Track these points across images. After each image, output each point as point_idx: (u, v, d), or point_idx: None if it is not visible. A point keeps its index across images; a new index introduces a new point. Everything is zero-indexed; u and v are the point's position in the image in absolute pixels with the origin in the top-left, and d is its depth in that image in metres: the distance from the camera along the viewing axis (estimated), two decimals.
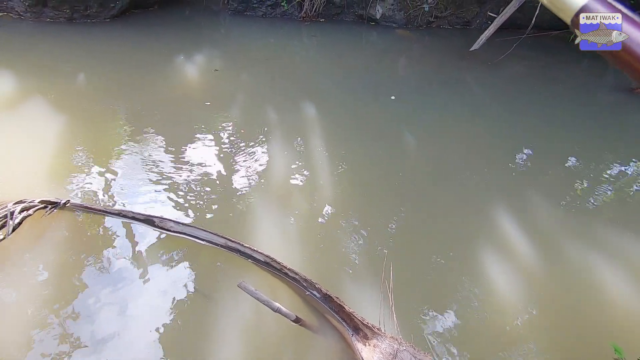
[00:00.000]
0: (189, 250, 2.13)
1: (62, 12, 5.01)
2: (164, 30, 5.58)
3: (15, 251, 2.09)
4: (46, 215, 2.27)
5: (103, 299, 1.88)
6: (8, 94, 3.65)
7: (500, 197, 2.66)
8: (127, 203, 2.46)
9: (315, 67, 4.95)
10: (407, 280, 1.95)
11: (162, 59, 4.67)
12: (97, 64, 4.42)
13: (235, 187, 2.65)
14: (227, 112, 3.64)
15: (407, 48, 5.73)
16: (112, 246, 2.17)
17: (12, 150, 2.89)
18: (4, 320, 1.78)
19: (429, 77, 4.70)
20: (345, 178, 2.77)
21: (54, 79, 3.98)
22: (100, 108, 3.53)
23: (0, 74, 3.97)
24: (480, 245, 2.25)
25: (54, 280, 1.96)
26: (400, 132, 3.44)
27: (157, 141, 3.11)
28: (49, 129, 3.17)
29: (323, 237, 2.24)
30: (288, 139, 3.23)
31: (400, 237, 2.27)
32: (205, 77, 4.32)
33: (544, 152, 3.22)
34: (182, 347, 1.71)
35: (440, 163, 3.02)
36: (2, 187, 2.48)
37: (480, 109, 4.01)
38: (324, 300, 1.75)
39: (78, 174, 2.69)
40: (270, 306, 1.56)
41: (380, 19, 6.23)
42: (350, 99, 4.04)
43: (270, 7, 6.22)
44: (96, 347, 1.69)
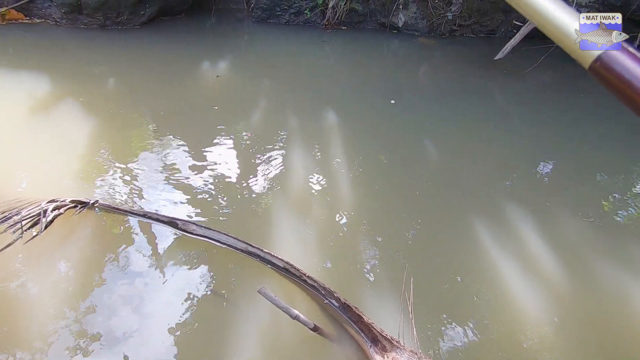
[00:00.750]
0: (209, 253, 2.17)
1: (96, 19, 5.23)
2: (189, 37, 5.74)
3: (46, 247, 2.18)
4: (76, 214, 2.36)
5: (122, 296, 1.93)
6: (43, 97, 3.83)
7: (523, 210, 2.59)
8: (148, 204, 2.53)
9: (335, 75, 4.98)
10: (426, 293, 1.93)
11: (186, 65, 4.80)
12: (126, 69, 4.58)
13: (252, 192, 2.69)
14: (247, 117, 3.70)
15: (429, 56, 5.70)
16: (134, 246, 2.24)
17: (43, 150, 3.02)
18: (30, 312, 1.85)
19: (450, 86, 4.65)
20: (364, 186, 2.77)
21: (85, 83, 4.14)
22: (126, 111, 3.65)
23: (36, 78, 4.17)
24: (503, 258, 2.20)
25: (77, 276, 2.03)
26: (420, 140, 3.41)
27: (178, 145, 3.19)
28: (78, 130, 3.31)
29: (341, 246, 2.23)
30: (306, 145, 3.26)
31: (419, 247, 2.25)
32: (226, 83, 4.42)
33: (570, 165, 3.14)
34: (197, 348, 1.74)
35: (461, 173, 2.97)
36: (33, 186, 2.60)
37: (503, 120, 3.94)
38: (342, 310, 1.74)
39: (103, 175, 2.78)
40: (289, 313, 1.57)
41: (402, 27, 6.23)
42: (370, 107, 4.04)
43: (293, 15, 6.32)
44: (113, 342, 1.73)
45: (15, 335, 1.74)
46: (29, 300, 1.90)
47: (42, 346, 1.70)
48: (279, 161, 3.04)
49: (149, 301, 1.91)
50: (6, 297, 1.89)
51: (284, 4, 6.24)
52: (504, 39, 5.71)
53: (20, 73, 4.24)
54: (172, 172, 2.86)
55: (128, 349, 1.71)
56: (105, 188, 2.66)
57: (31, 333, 1.76)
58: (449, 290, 1.98)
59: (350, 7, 6.13)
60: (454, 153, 3.26)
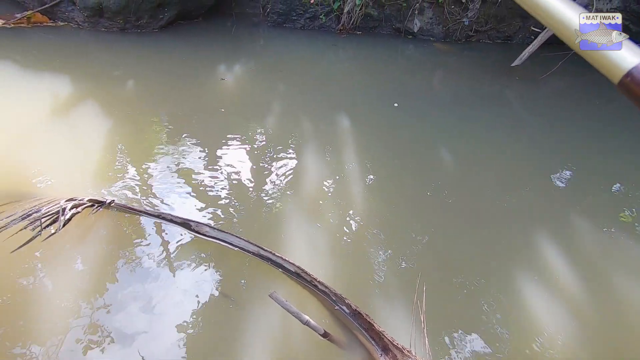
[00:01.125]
0: (221, 255, 2.19)
1: (116, 22, 5.37)
2: (206, 41, 5.83)
3: (63, 245, 2.23)
4: (92, 213, 2.41)
5: (134, 294, 1.96)
6: (63, 97, 3.93)
7: (538, 219, 2.54)
8: (161, 205, 2.56)
9: (349, 79, 4.98)
10: (439, 302, 1.90)
11: (202, 68, 4.87)
12: (144, 71, 4.68)
13: (264, 195, 2.70)
14: (261, 121, 3.73)
15: (444, 62, 5.65)
16: (148, 246, 2.27)
17: (61, 149, 3.10)
18: (44, 308, 1.89)
19: (465, 92, 4.60)
20: (376, 192, 2.75)
21: (104, 85, 4.24)
22: (143, 113, 3.72)
23: (58, 79, 4.28)
24: (518, 268, 2.15)
25: (92, 274, 2.07)
26: (434, 146, 3.38)
27: (192, 147, 3.24)
28: (95, 131, 3.38)
29: (353, 251, 2.22)
30: (319, 150, 3.26)
31: (432, 255, 2.22)
32: (241, 87, 4.46)
33: (588, 174, 3.06)
34: (207, 350, 1.75)
35: (475, 180, 2.93)
36: (51, 184, 2.66)
37: (519, 126, 3.88)
38: (353, 317, 1.73)
39: (118, 175, 2.84)
40: (300, 318, 1.56)
41: (417, 32, 6.20)
42: (383, 112, 4.03)
43: (308, 19, 6.36)
44: (124, 339, 1.76)
45: (31, 329, 1.78)
46: (45, 295, 1.94)
47: (57, 341, 1.74)
48: (290, 165, 3.05)
49: (160, 300, 1.94)
50: (23, 292, 1.94)
51: (299, 9, 6.29)
52: (522, 45, 5.64)
53: (43, 74, 4.37)
54: (185, 173, 2.90)
55: (139, 346, 1.73)
56: (119, 188, 2.71)
57: (46, 328, 1.80)
58: (462, 299, 1.95)
59: (365, 12, 6.14)
60: (469, 160, 3.22)
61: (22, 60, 4.60)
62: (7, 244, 2.12)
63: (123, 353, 1.71)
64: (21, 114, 3.53)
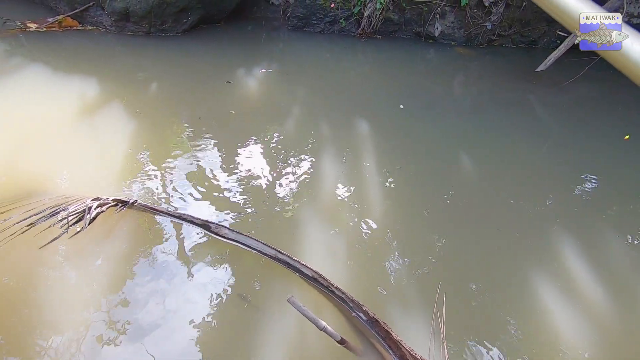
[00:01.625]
0: (239, 257, 2.21)
1: (142, 26, 5.52)
2: (227, 44, 5.93)
3: (87, 242, 2.30)
4: (116, 213, 2.47)
5: (152, 292, 2.00)
6: (90, 99, 4.07)
7: (561, 228, 2.46)
8: (180, 205, 2.61)
9: (368, 83, 4.97)
10: (458, 311, 1.86)
11: (223, 71, 4.95)
12: (167, 74, 4.79)
13: (281, 198, 2.71)
14: (280, 123, 3.75)
15: (465, 67, 5.57)
16: (168, 245, 2.31)
17: (86, 149, 3.20)
18: (67, 301, 1.95)
19: (487, 97, 4.52)
20: (395, 197, 2.73)
21: (128, 86, 4.37)
22: (165, 114, 3.81)
23: (85, 80, 4.43)
24: (539, 278, 2.09)
25: (114, 271, 2.12)
26: (454, 152, 3.33)
27: (211, 148, 3.29)
28: (119, 131, 3.48)
29: (371, 257, 2.21)
30: (336, 153, 3.26)
31: (452, 264, 2.18)
32: (260, 90, 4.51)
33: (614, 183, 2.95)
34: (222, 349, 1.76)
35: (497, 187, 2.87)
36: (75, 182, 2.75)
37: (543, 133, 3.77)
38: (370, 324, 1.72)
39: (139, 175, 2.91)
40: (317, 324, 1.56)
41: (438, 36, 6.13)
42: (402, 116, 3.99)
43: (328, 23, 6.38)
44: (139, 335, 1.80)
45: (54, 321, 1.84)
46: (68, 289, 2.01)
47: (78, 334, 1.79)
48: (307, 168, 3.06)
49: (177, 299, 1.97)
50: (48, 286, 2.00)
51: (319, 13, 6.33)
52: (547, 50, 5.50)
53: (71, 76, 4.53)
54: (203, 174, 2.95)
55: (149, 340, 1.76)
56: (140, 187, 2.78)
57: (68, 320, 1.85)
58: (482, 310, 1.91)
59: (385, 17, 6.12)
60: (490, 166, 3.16)
61: (52, 63, 4.79)
62: (36, 240, 2.21)
63: (139, 347, 1.75)
64: (50, 113, 3.67)
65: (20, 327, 1.82)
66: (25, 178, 2.77)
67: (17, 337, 1.77)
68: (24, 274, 2.07)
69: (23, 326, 1.82)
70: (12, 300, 1.93)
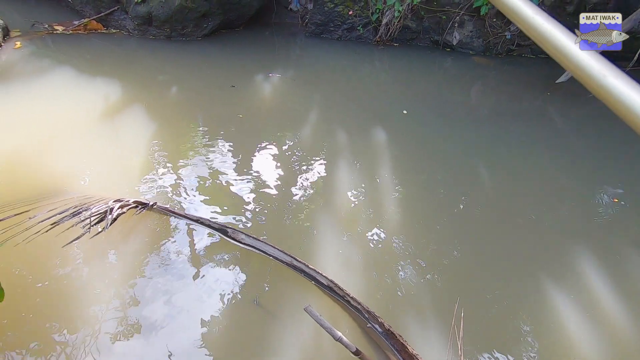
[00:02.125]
0: (254, 263, 2.23)
1: (163, 30, 5.65)
2: (245, 49, 6.01)
3: (106, 242, 2.35)
4: (136, 214, 2.53)
5: (166, 293, 2.03)
6: (111, 100, 4.17)
7: (582, 244, 2.42)
8: (195, 207, 2.65)
9: (384, 91, 4.97)
10: (477, 327, 1.84)
11: (241, 75, 5.02)
12: (186, 77, 4.89)
13: (295, 203, 2.73)
14: (296, 129, 3.78)
15: (483, 76, 5.53)
16: (184, 248, 2.35)
17: (106, 150, 3.27)
18: (79, 297, 1.99)
19: (504, 108, 4.47)
20: (411, 207, 2.71)
21: (149, 89, 4.47)
22: (183, 117, 3.88)
23: (108, 82, 4.55)
24: (560, 295, 2.05)
25: (130, 270, 2.17)
26: (471, 161, 3.30)
27: (227, 152, 3.33)
28: (138, 133, 3.56)
29: (387, 268, 2.20)
30: (351, 160, 3.27)
31: (469, 277, 2.16)
32: (277, 95, 4.56)
33: (636, 198, 2.88)
34: (234, 354, 1.78)
35: (514, 199, 2.83)
36: (94, 183, 2.82)
37: (563, 145, 3.71)
38: (385, 336, 1.71)
39: (157, 177, 2.96)
40: (333, 334, 1.56)
41: (456, 45, 6.11)
42: (418, 125, 3.98)
43: (346, 30, 6.42)
44: (148, 332, 1.83)
45: (71, 316, 1.89)
46: (85, 287, 2.05)
47: (92, 328, 1.83)
48: (322, 174, 3.07)
49: (190, 300, 2.00)
50: (67, 282, 2.06)
51: (337, 20, 6.37)
52: None
53: (95, 78, 4.66)
54: (219, 178, 2.99)
55: (157, 338, 1.79)
56: (157, 189, 2.83)
57: (85, 315, 1.90)
58: (501, 326, 1.88)
59: (403, 24, 6.12)
60: (507, 178, 3.12)
61: (77, 64, 4.93)
62: (58, 238, 2.27)
63: (151, 344, 1.78)
64: (74, 114, 3.77)
65: (39, 321, 1.87)
66: (50, 177, 2.86)
67: (37, 330, 1.82)
68: (45, 271, 2.13)
69: (42, 320, 1.87)
70: (31, 296, 1.99)
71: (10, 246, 2.14)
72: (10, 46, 5.07)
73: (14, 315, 1.87)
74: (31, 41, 5.40)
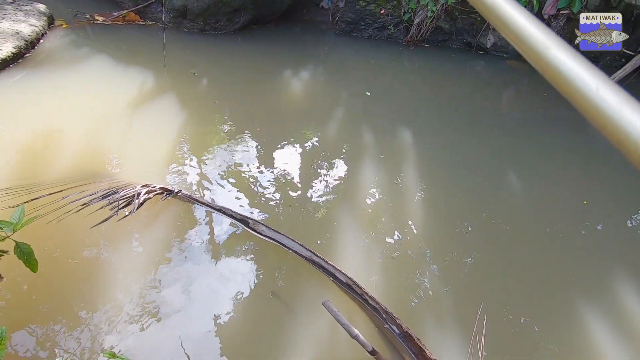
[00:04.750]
0: (274, 255, 2.23)
1: (197, 23, 5.77)
2: (275, 45, 6.05)
3: (132, 226, 2.42)
4: (161, 200, 2.59)
5: (182, 279, 2.07)
6: (143, 89, 4.29)
7: (615, 261, 2.28)
8: (217, 197, 2.69)
9: (413, 92, 4.88)
10: (498, 336, 1.77)
11: (269, 70, 5.06)
12: (216, 70, 4.97)
13: (316, 199, 2.72)
14: (321, 126, 3.77)
15: (516, 81, 5.34)
16: (206, 236, 2.39)
17: (137, 138, 3.36)
18: (103, 278, 2.06)
19: (537, 115, 4.30)
20: (436, 210, 2.65)
21: (179, 80, 4.56)
22: (211, 109, 3.94)
23: (141, 72, 4.68)
24: (586, 309, 1.95)
25: (152, 255, 2.22)
26: (498, 169, 3.19)
27: (251, 145, 3.36)
28: (168, 123, 3.64)
29: (407, 269, 2.16)
30: (376, 159, 3.22)
31: (493, 285, 2.09)
32: (302, 91, 4.56)
33: None
34: (253, 344, 1.79)
35: (544, 211, 2.72)
36: (124, 168, 2.91)
37: (601, 157, 3.53)
38: (403, 338, 1.67)
39: (182, 165, 3.02)
40: (350, 331, 1.54)
41: (490, 48, 5.92)
42: (446, 127, 3.89)
43: (376, 29, 6.35)
44: (164, 317, 1.87)
45: (94, 293, 1.95)
46: (109, 267, 2.12)
47: (111, 307, 1.88)
48: (345, 172, 3.04)
49: (208, 289, 2.02)
50: (92, 262, 2.13)
51: (368, 19, 6.31)
52: (609, 68, 5.15)
53: (130, 67, 4.80)
54: (242, 170, 3.01)
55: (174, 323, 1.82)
56: (181, 177, 2.89)
57: (106, 293, 1.96)
58: (525, 339, 1.80)
59: (436, 25, 5.99)
60: (537, 188, 2.99)
61: (114, 53, 5.11)
62: (87, 220, 2.35)
63: (169, 330, 1.81)
64: (108, 102, 3.91)
65: (65, 297, 1.94)
66: (83, 159, 2.97)
67: (63, 306, 1.89)
68: (73, 250, 2.21)
69: (68, 297, 1.94)
70: (59, 273, 2.07)
71: (43, 223, 2.24)
72: (55, 34, 5.30)
73: (43, 289, 1.95)
74: (73, 30, 5.63)
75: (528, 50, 0.35)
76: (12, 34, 4.42)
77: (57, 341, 1.74)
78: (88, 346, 1.73)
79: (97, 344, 1.74)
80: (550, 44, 0.33)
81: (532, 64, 0.35)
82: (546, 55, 0.34)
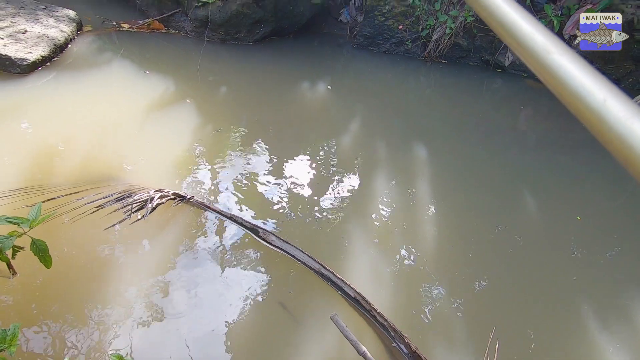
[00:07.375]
0: (282, 265, 2.22)
1: (218, 33, 5.92)
2: (293, 57, 6.15)
3: (144, 230, 2.44)
4: (174, 206, 2.62)
5: (190, 285, 2.07)
6: (165, 96, 4.39)
7: (634, 286, 2.19)
8: (227, 205, 2.70)
9: (428, 107, 4.87)
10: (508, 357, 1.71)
11: (286, 81, 5.13)
12: (234, 79, 5.06)
13: (326, 211, 2.70)
14: (335, 139, 3.78)
15: (535, 100, 5.27)
16: (216, 243, 2.40)
17: (152, 143, 3.42)
18: (113, 279, 2.07)
19: (556, 135, 4.22)
20: (448, 228, 2.61)
21: (199, 88, 4.66)
22: (226, 117, 4.00)
23: (163, 79, 4.80)
24: (607, 340, 1.87)
25: (163, 259, 2.23)
26: (513, 188, 3.13)
27: (264, 155, 3.38)
28: (184, 129, 3.70)
29: (416, 286, 2.12)
30: (388, 174, 3.20)
31: (506, 307, 2.02)
32: (319, 104, 4.59)
33: None
34: (255, 353, 1.77)
35: (560, 234, 2.64)
36: (140, 173, 2.96)
37: (621, 182, 3.43)
38: (411, 358, 1.63)
39: (195, 172, 3.06)
40: (357, 348, 1.51)
41: (508, 66, 5.89)
42: (461, 144, 3.85)
43: (394, 44, 6.39)
44: (170, 321, 1.87)
45: (104, 293, 1.97)
46: (119, 269, 2.14)
47: (120, 308, 1.89)
48: (356, 185, 3.03)
49: (215, 295, 2.02)
50: (103, 262, 2.15)
51: (386, 34, 6.36)
52: (631, 90, 5.05)
53: (152, 73, 4.94)
54: (253, 179, 3.03)
55: (180, 325, 1.81)
56: (194, 184, 2.92)
57: (116, 294, 1.97)
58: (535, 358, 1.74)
59: (454, 42, 6.00)
60: (554, 210, 2.92)
61: (137, 61, 5.26)
62: (101, 222, 2.38)
63: (174, 333, 1.80)
64: (128, 107, 4.01)
65: (77, 296, 1.96)
66: (100, 163, 3.03)
67: (74, 304, 1.91)
68: (86, 251, 2.24)
69: (79, 296, 1.96)
70: (72, 272, 2.10)
71: (58, 223, 2.29)
72: (82, 39, 5.50)
73: (56, 287, 1.98)
74: (100, 37, 5.83)
75: (527, 54, 0.33)
76: (43, 39, 4.60)
77: (66, 339, 1.75)
78: (95, 346, 1.74)
79: (105, 344, 1.75)
80: (552, 48, 0.31)
81: (532, 69, 0.33)
82: (547, 60, 0.31)
